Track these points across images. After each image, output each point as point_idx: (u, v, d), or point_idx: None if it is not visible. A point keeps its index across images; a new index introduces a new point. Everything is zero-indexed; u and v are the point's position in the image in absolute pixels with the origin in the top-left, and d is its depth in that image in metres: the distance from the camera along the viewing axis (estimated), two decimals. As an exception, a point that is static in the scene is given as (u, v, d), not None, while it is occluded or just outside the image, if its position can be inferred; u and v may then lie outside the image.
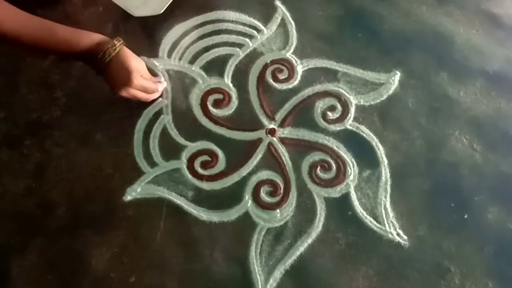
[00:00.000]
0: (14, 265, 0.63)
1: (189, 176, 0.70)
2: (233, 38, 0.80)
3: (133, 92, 0.65)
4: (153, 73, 0.75)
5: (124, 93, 0.64)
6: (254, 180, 0.70)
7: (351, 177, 0.70)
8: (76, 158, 0.70)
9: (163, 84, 0.74)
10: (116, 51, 0.62)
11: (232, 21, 0.81)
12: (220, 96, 0.75)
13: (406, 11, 0.83)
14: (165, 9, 0.77)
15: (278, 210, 0.67)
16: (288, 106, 0.75)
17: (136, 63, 0.64)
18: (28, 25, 0.59)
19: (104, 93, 0.74)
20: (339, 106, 0.75)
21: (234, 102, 0.75)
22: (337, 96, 0.75)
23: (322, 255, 0.65)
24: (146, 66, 0.70)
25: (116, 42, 0.63)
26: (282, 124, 0.74)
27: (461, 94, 0.76)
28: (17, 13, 0.59)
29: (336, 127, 0.73)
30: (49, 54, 0.72)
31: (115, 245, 0.65)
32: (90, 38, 0.62)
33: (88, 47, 0.61)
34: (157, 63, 0.77)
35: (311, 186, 0.69)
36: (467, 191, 0.69)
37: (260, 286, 0.63)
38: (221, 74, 0.77)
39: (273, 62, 0.78)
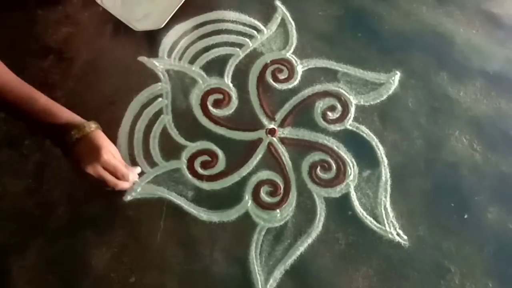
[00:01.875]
0: (14, 265, 0.63)
1: (189, 176, 0.70)
2: (233, 38, 0.80)
3: (101, 171, 0.60)
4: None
5: (91, 169, 0.59)
6: (254, 180, 0.69)
7: (351, 177, 0.70)
8: (76, 158, 0.70)
9: (135, 174, 0.67)
10: (90, 130, 0.61)
11: (232, 21, 0.81)
12: (220, 96, 0.75)
13: (406, 11, 0.83)
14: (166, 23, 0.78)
15: (278, 210, 0.67)
16: (288, 106, 0.75)
17: (109, 144, 0.63)
18: (14, 86, 0.60)
19: (104, 93, 0.75)
20: (339, 106, 0.75)
21: (234, 102, 0.75)
22: (337, 96, 0.75)
23: (322, 255, 0.65)
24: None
25: (92, 125, 0.62)
26: (282, 124, 0.73)
27: (461, 94, 0.76)
28: (5, 72, 0.60)
29: (336, 127, 0.73)
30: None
31: (115, 245, 0.65)
32: (69, 115, 0.62)
33: (63, 122, 0.61)
34: (157, 63, 0.77)
35: (311, 186, 0.69)
36: (467, 191, 0.69)
37: (260, 286, 0.63)
38: (221, 74, 0.77)
39: (273, 62, 0.78)
